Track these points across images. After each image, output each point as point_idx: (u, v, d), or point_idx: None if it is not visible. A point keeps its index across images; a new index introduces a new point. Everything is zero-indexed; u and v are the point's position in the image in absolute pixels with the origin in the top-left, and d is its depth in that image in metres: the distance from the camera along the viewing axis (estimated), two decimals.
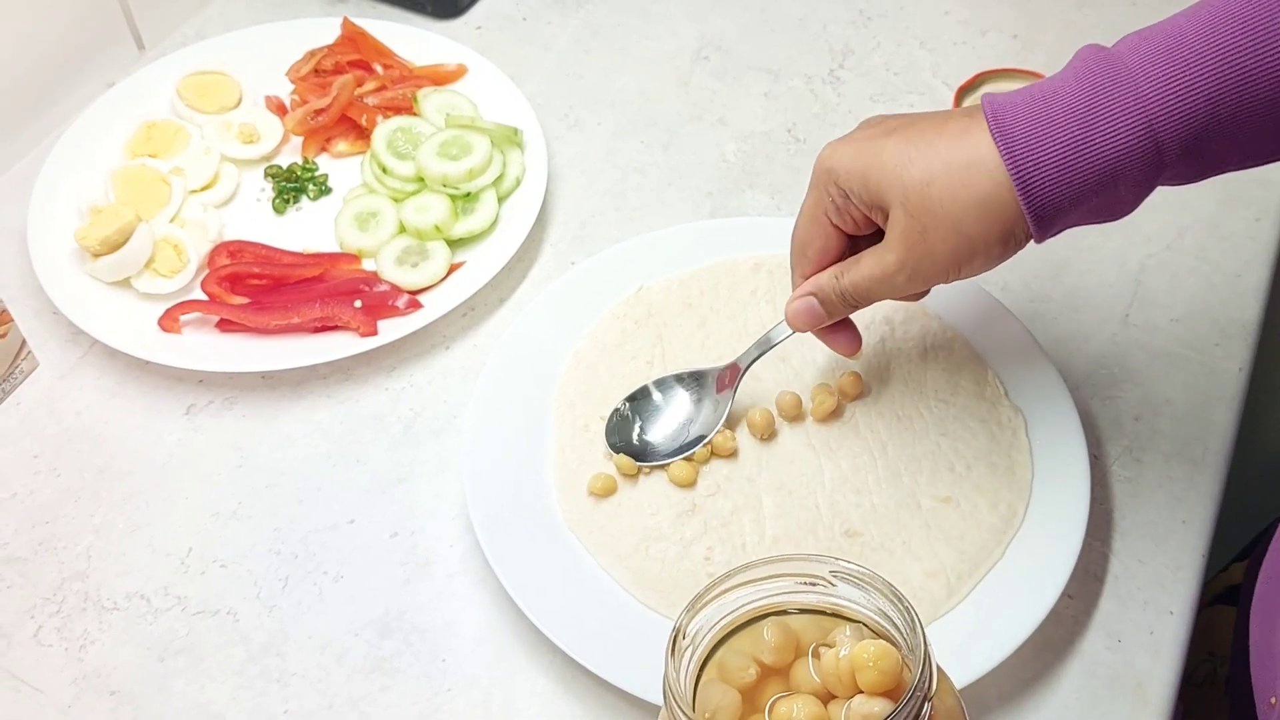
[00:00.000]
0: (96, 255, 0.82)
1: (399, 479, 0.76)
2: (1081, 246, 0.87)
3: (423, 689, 0.67)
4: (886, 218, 0.62)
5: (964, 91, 0.96)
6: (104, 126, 0.91)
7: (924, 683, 0.43)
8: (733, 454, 0.73)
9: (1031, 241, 0.60)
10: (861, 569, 0.46)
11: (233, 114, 0.93)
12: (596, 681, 0.66)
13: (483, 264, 0.83)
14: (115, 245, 0.81)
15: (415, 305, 0.81)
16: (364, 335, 0.79)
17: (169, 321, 0.80)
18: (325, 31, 0.98)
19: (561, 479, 0.73)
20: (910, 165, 0.60)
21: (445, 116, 0.91)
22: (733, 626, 0.48)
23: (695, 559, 0.69)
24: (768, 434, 0.73)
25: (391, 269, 0.83)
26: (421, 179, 0.88)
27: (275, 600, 0.71)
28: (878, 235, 0.64)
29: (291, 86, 0.95)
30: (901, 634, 0.45)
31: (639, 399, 0.75)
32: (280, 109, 0.94)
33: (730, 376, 0.74)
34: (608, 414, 0.75)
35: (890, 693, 0.44)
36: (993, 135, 0.58)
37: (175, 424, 0.78)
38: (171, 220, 0.85)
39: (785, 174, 0.92)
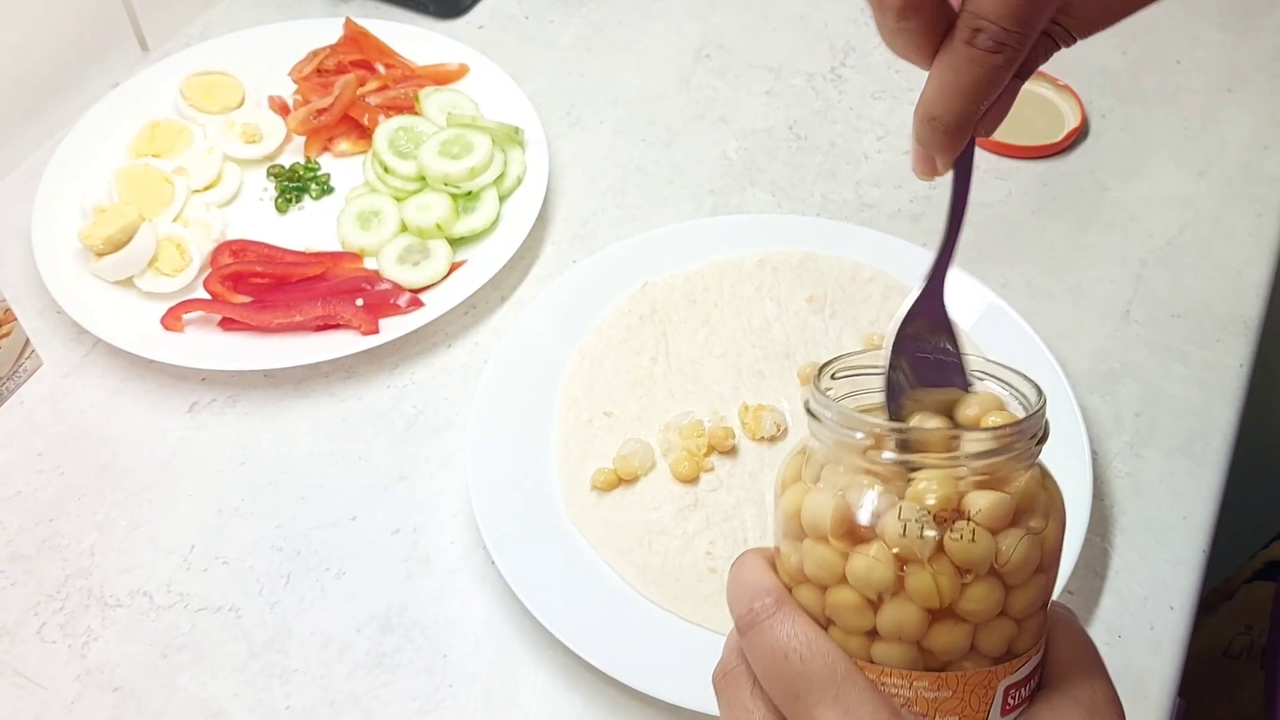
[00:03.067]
0: (100, 254, 0.82)
1: (401, 476, 0.76)
2: (1083, 243, 0.87)
3: (424, 685, 0.67)
4: None
5: None
6: (108, 127, 0.92)
7: (1044, 412, 0.42)
8: (733, 450, 0.73)
9: None
10: (982, 360, 0.45)
11: (236, 114, 0.93)
12: (598, 676, 0.66)
13: (484, 262, 0.84)
14: (119, 244, 0.82)
15: (417, 304, 0.81)
16: (366, 333, 0.80)
17: (172, 320, 0.81)
18: (328, 32, 0.98)
19: (565, 473, 0.73)
20: None
21: (447, 115, 0.91)
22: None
23: (697, 553, 0.69)
24: (779, 435, 0.74)
25: (393, 267, 0.83)
26: (423, 178, 0.88)
27: (277, 597, 0.71)
28: None
29: (294, 86, 0.95)
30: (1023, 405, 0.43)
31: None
32: (283, 109, 0.95)
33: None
34: (611, 410, 0.75)
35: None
36: None
37: (178, 422, 0.79)
38: (175, 220, 0.86)
39: (787, 171, 0.92)
